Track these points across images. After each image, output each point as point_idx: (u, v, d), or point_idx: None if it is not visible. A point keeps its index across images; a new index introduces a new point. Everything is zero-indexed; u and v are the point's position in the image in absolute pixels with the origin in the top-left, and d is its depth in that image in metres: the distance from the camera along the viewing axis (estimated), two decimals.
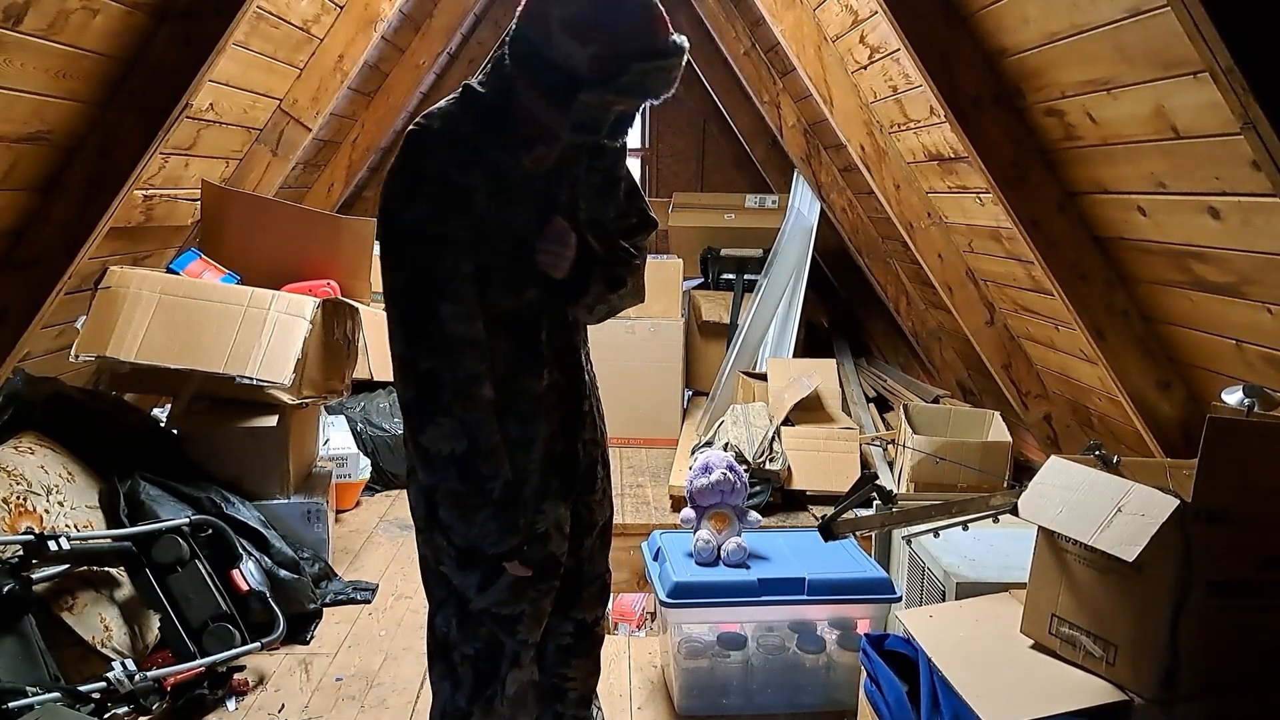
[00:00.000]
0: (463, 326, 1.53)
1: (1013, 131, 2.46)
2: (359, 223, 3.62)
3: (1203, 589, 1.69)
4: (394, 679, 2.71)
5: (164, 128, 2.53)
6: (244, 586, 2.63)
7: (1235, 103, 1.61)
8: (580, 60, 1.42)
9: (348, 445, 3.98)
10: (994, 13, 2.29)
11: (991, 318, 3.52)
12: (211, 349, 2.94)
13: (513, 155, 1.57)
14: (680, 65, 1.45)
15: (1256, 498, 1.69)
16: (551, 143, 1.55)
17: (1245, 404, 1.89)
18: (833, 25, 3.49)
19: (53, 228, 2.55)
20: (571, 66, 1.43)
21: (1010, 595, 2.11)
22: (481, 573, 1.65)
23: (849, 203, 4.93)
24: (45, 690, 2.14)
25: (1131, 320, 2.53)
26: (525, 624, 1.70)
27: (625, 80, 1.41)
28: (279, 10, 3.11)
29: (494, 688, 1.73)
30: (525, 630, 1.71)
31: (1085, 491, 1.82)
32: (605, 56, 1.41)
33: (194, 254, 3.31)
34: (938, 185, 3.40)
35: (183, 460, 3.08)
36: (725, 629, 2.62)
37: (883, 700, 2.10)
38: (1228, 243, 2.01)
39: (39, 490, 2.56)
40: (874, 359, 5.97)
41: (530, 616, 1.71)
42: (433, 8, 4.64)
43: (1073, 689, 1.78)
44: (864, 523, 2.36)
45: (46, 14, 2.07)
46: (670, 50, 1.44)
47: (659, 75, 1.43)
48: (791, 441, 4.04)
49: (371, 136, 4.89)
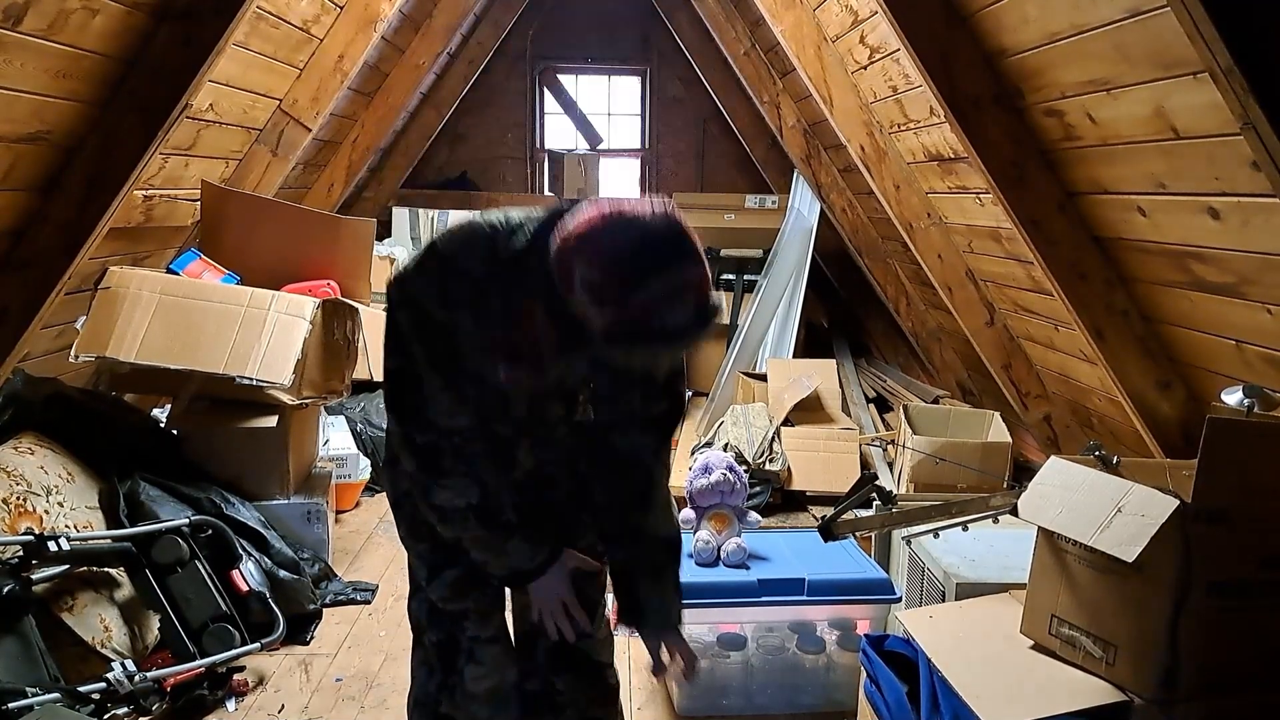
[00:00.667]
0: (447, 420, 1.57)
1: (1013, 131, 2.46)
2: (359, 223, 3.62)
3: (1202, 589, 1.69)
4: (394, 679, 2.71)
5: (164, 128, 2.53)
6: (244, 587, 2.63)
7: (1235, 103, 1.61)
8: (595, 322, 1.36)
9: (348, 446, 3.98)
10: (994, 13, 2.29)
11: (991, 318, 3.52)
12: (211, 349, 2.94)
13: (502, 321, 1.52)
14: (706, 329, 1.37)
15: (1256, 498, 1.69)
16: (535, 367, 1.53)
17: (1245, 404, 1.89)
18: (833, 25, 3.49)
19: (52, 228, 2.55)
20: (586, 319, 1.37)
21: (1010, 596, 2.11)
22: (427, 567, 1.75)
23: (849, 203, 4.93)
24: (45, 691, 2.13)
25: (1131, 320, 2.53)
26: (472, 620, 1.76)
27: (636, 345, 1.37)
28: (279, 10, 3.11)
29: (454, 677, 1.78)
30: (473, 627, 1.76)
31: (1085, 492, 1.82)
32: (618, 328, 1.34)
33: (194, 254, 3.30)
34: (937, 185, 3.40)
35: (183, 461, 3.08)
36: (725, 629, 2.62)
37: (883, 701, 2.10)
38: (1227, 243, 2.01)
39: (39, 491, 2.56)
40: (874, 359, 5.98)
41: (476, 614, 1.76)
42: (433, 8, 4.64)
43: (1073, 689, 1.78)
44: (864, 523, 2.36)
45: (46, 14, 2.06)
46: (690, 323, 1.35)
47: (674, 342, 1.38)
48: (791, 442, 4.04)
49: (371, 136, 4.89)
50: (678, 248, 1.35)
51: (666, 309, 1.33)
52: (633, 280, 1.32)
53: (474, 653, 1.76)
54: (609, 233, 1.34)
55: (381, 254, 5.10)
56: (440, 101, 5.81)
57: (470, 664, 1.76)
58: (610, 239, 1.34)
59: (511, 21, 5.77)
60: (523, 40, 6.21)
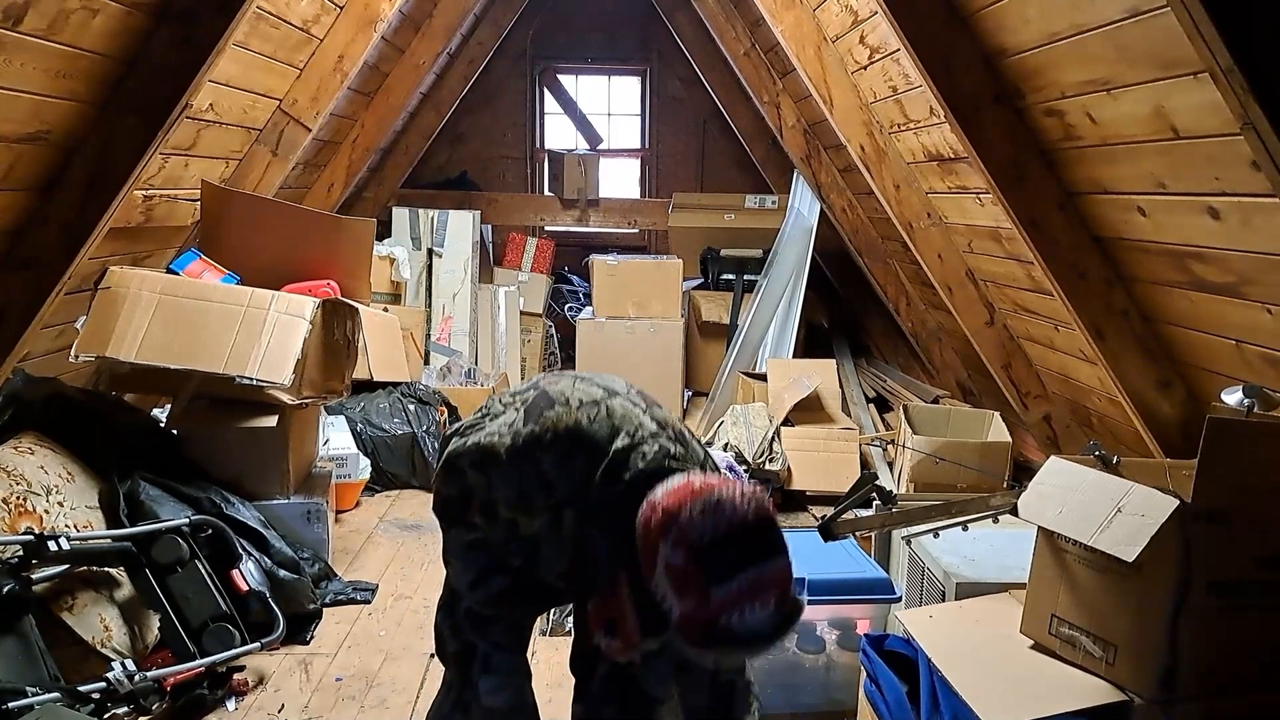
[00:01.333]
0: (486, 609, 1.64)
1: (1013, 131, 2.46)
2: (359, 223, 3.62)
3: (1202, 589, 1.69)
4: (394, 679, 2.71)
5: (164, 128, 2.53)
6: (244, 587, 2.63)
7: (1235, 103, 1.61)
8: (672, 604, 1.33)
9: (348, 445, 3.98)
10: (994, 13, 2.29)
11: (991, 318, 3.52)
12: (211, 349, 2.93)
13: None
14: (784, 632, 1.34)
15: (1256, 498, 1.69)
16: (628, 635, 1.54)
17: (1245, 404, 1.89)
18: (833, 25, 3.49)
19: (52, 228, 2.55)
20: (664, 605, 1.35)
21: (1010, 595, 2.11)
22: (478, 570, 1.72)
23: (849, 203, 4.93)
24: (45, 690, 2.13)
25: (1131, 320, 2.53)
26: (498, 627, 1.75)
27: (710, 644, 1.34)
28: (279, 10, 3.11)
29: (470, 691, 1.76)
30: (496, 633, 1.75)
31: (1085, 492, 1.82)
32: (695, 620, 1.32)
33: (194, 254, 3.30)
34: (937, 185, 3.40)
35: (182, 460, 3.08)
36: None
37: (882, 700, 2.10)
38: (1227, 243, 2.01)
39: (39, 490, 2.56)
40: (874, 359, 5.98)
41: (507, 622, 1.75)
42: (432, 8, 4.64)
43: (1072, 689, 1.78)
44: (864, 523, 2.35)
45: (46, 14, 2.06)
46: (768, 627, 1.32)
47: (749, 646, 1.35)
48: (791, 442, 4.04)
49: (371, 136, 4.89)
50: (766, 541, 1.33)
51: (748, 609, 1.29)
52: (717, 574, 1.29)
53: (490, 660, 1.74)
54: (698, 518, 1.31)
55: (381, 254, 5.11)
56: (440, 101, 5.81)
57: (485, 674, 1.74)
58: (699, 525, 1.31)
59: (511, 21, 5.77)
60: (523, 40, 6.21)
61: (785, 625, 1.34)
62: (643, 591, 1.39)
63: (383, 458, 4.30)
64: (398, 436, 4.35)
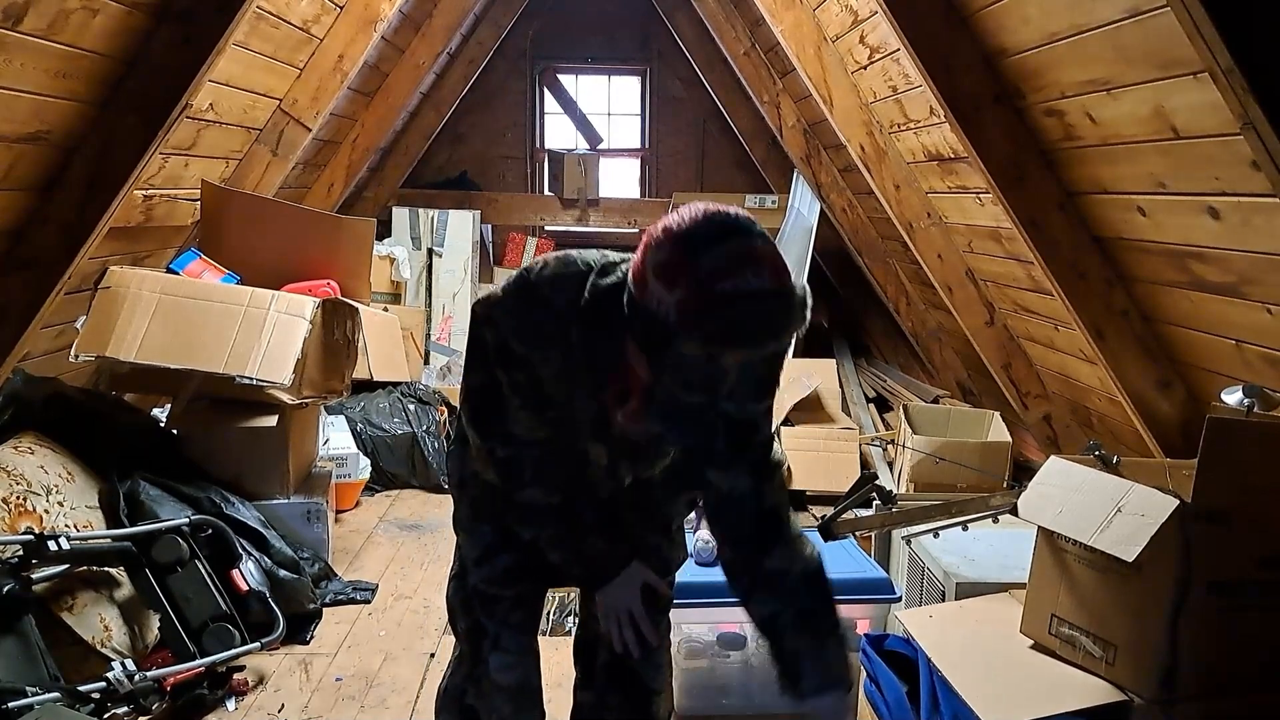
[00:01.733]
0: (525, 433, 1.57)
1: (1013, 131, 2.46)
2: (359, 223, 3.62)
3: (1202, 589, 1.69)
4: (394, 679, 2.71)
5: (164, 128, 2.53)
6: (244, 586, 2.63)
7: (1235, 103, 1.61)
8: (669, 306, 1.30)
9: (347, 445, 3.98)
10: (994, 13, 2.29)
11: (991, 318, 3.52)
12: (211, 349, 2.94)
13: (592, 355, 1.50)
14: (788, 309, 1.30)
15: (1256, 498, 1.69)
16: (641, 396, 1.47)
17: (1245, 404, 1.89)
18: (833, 25, 3.49)
19: (52, 228, 2.55)
20: (663, 314, 1.31)
21: (1010, 595, 2.11)
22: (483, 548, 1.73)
23: (849, 203, 4.93)
24: (45, 690, 2.13)
25: (1131, 320, 2.53)
26: (505, 605, 1.74)
27: (712, 326, 1.28)
28: (279, 10, 3.11)
29: (481, 667, 1.77)
30: (504, 612, 1.75)
31: (1085, 491, 1.82)
32: (691, 300, 1.28)
33: (194, 254, 3.30)
34: (938, 185, 3.40)
35: (182, 460, 3.08)
36: (725, 629, 2.61)
37: (883, 700, 2.10)
38: (1227, 243, 2.01)
39: (39, 490, 2.56)
40: (874, 359, 5.98)
41: (513, 600, 1.75)
42: (432, 8, 4.64)
43: (1072, 689, 1.78)
44: (864, 523, 2.36)
45: (46, 14, 2.06)
46: (766, 292, 1.28)
47: (753, 320, 1.28)
48: (791, 441, 4.04)
49: (371, 136, 4.89)
50: (748, 226, 1.32)
51: (742, 276, 1.26)
52: (701, 245, 1.28)
53: (500, 639, 1.75)
54: (676, 219, 1.33)
55: (381, 253, 5.11)
56: (440, 101, 5.81)
57: (495, 651, 1.75)
58: (678, 220, 1.33)
59: (511, 21, 5.76)
60: (523, 40, 6.20)
61: (788, 299, 1.30)
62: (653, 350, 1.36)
63: (383, 458, 4.30)
64: (398, 436, 4.35)
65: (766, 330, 1.30)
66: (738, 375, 1.41)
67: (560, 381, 1.51)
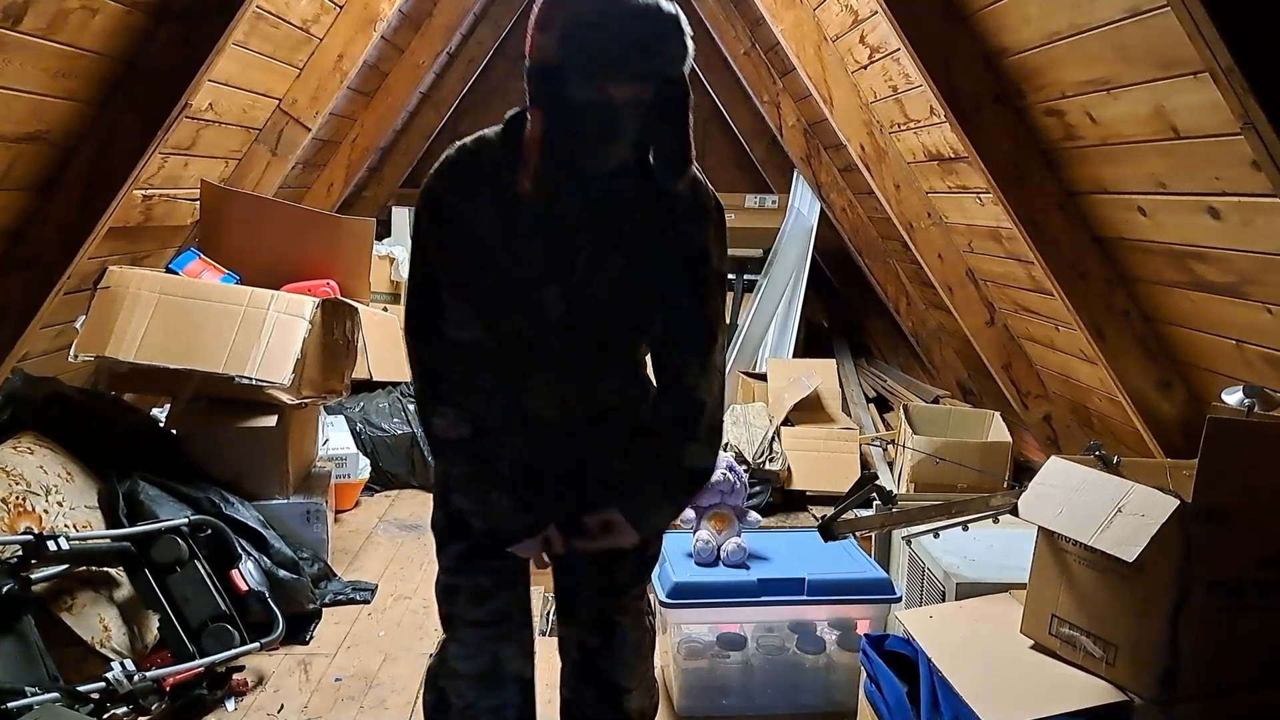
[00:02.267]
0: (457, 331, 1.57)
1: (1013, 131, 2.46)
2: (358, 223, 3.62)
3: (1203, 589, 1.69)
4: (393, 679, 2.71)
5: (163, 128, 2.52)
6: (243, 587, 2.63)
7: (1235, 103, 1.61)
8: (550, 49, 1.38)
9: (347, 445, 3.98)
10: (994, 13, 2.29)
11: (991, 318, 3.52)
12: (211, 349, 2.93)
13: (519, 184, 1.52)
14: (660, 26, 1.34)
15: (1256, 498, 1.69)
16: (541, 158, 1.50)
17: (1245, 404, 1.89)
18: (833, 25, 3.49)
19: (52, 228, 2.55)
20: (546, 60, 1.39)
21: (1010, 595, 2.11)
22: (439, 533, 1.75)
23: (849, 203, 4.93)
24: (44, 690, 2.13)
25: (1131, 320, 2.52)
26: (464, 597, 1.74)
27: (592, 53, 1.34)
28: (279, 10, 3.10)
29: (445, 652, 1.80)
30: (462, 605, 1.75)
31: (1085, 492, 1.82)
32: (568, 34, 1.35)
33: (193, 254, 3.30)
34: (938, 185, 3.40)
35: (182, 460, 3.07)
36: (725, 629, 2.62)
37: (883, 701, 2.10)
38: (1228, 243, 2.01)
39: (38, 490, 2.56)
40: (874, 359, 5.97)
41: (469, 592, 1.74)
42: (432, 7, 4.64)
43: (1072, 689, 1.78)
44: (864, 523, 2.35)
45: (45, 14, 2.06)
46: (635, 10, 1.32)
47: (626, 39, 1.33)
48: (791, 442, 4.04)
49: (371, 136, 4.89)
50: None
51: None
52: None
53: (457, 632, 1.77)
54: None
55: (381, 253, 5.10)
56: (440, 101, 5.80)
57: (452, 642, 1.77)
58: None
59: (511, 21, 5.76)
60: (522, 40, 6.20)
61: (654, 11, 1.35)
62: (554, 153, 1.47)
63: (382, 458, 4.30)
64: (397, 436, 4.35)
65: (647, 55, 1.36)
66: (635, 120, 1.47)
67: (500, 242, 1.52)
